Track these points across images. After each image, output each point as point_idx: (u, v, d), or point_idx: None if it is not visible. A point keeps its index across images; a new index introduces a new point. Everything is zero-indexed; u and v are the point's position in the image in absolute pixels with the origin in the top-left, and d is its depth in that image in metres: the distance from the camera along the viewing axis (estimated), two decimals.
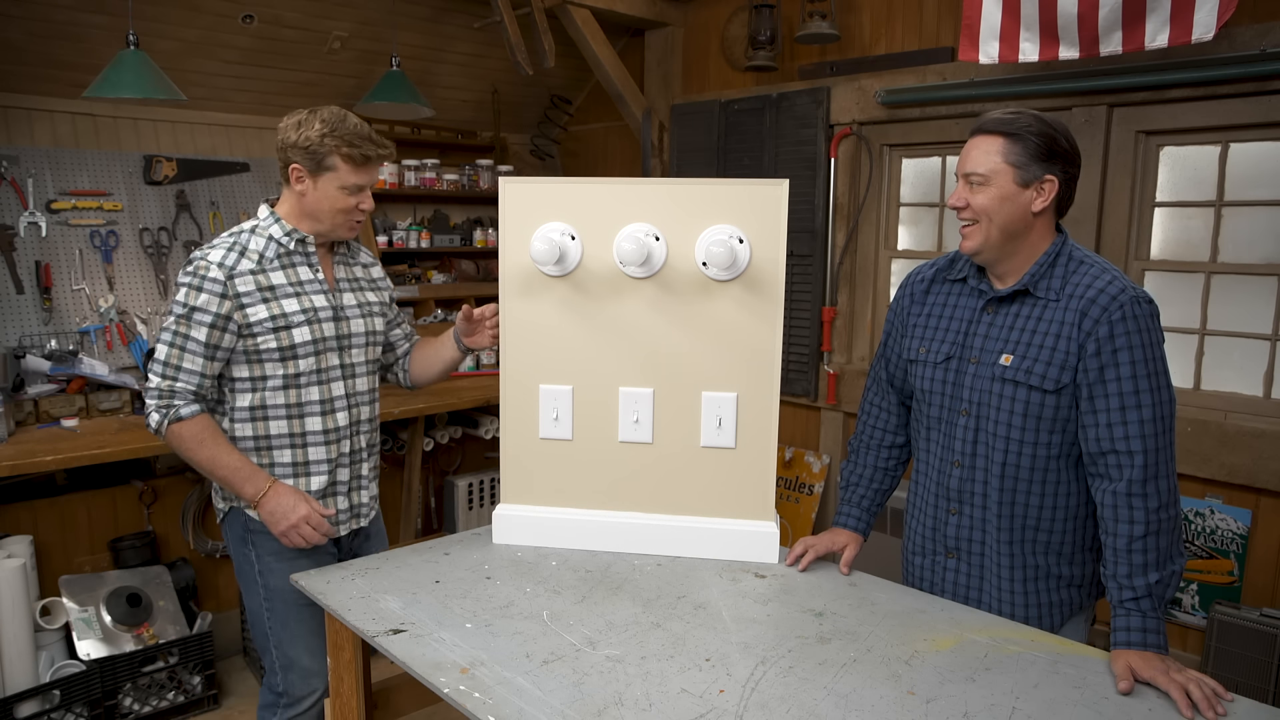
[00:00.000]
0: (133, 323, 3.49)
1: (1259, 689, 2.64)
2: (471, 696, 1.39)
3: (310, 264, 2.02)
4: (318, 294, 2.01)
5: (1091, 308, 1.60)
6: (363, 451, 2.13)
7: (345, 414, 2.06)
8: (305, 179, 1.95)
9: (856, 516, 1.96)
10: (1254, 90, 2.69)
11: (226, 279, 1.89)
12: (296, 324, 1.95)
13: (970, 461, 1.75)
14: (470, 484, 4.16)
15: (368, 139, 1.95)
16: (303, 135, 1.92)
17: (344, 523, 2.10)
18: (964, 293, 1.80)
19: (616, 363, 1.96)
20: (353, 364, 2.08)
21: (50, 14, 3.17)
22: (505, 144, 4.80)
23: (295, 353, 1.96)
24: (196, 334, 1.88)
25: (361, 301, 2.12)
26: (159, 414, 1.89)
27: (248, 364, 1.94)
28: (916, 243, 3.74)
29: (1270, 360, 2.85)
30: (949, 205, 1.73)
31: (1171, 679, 1.41)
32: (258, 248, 1.96)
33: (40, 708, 2.70)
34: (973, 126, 1.70)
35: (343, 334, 2.05)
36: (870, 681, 1.44)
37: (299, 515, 1.91)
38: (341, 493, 2.09)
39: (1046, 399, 1.64)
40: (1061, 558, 1.73)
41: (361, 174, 1.96)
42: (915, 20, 3.49)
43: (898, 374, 1.92)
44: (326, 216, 1.98)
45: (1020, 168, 1.63)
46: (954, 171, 1.71)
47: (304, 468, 2.02)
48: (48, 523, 3.08)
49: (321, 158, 1.92)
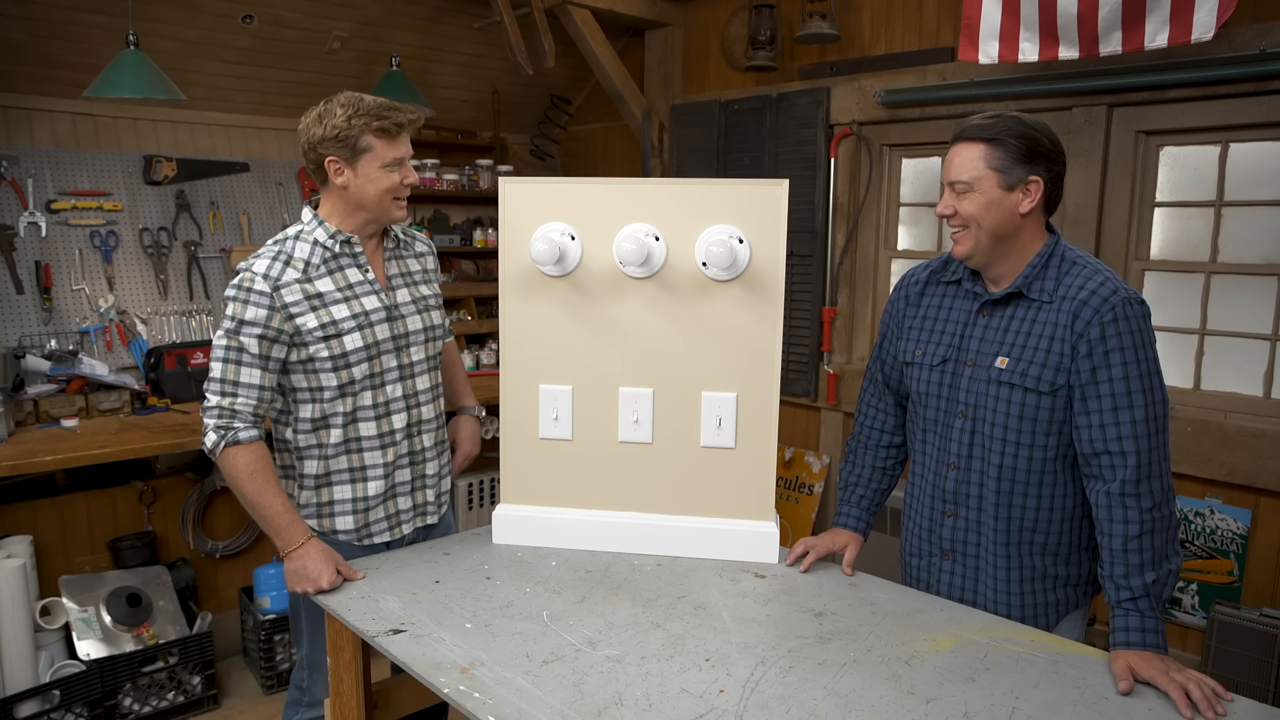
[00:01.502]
0: (133, 323, 3.49)
1: (1259, 689, 2.64)
2: (471, 696, 1.39)
3: (359, 264, 1.96)
4: (368, 295, 1.95)
5: (1084, 309, 1.61)
6: (426, 451, 2.07)
7: (403, 415, 2.00)
8: (344, 169, 1.88)
9: (856, 516, 1.96)
10: (1254, 90, 2.69)
11: (273, 290, 1.83)
12: (347, 330, 1.90)
13: (966, 464, 1.75)
14: (470, 484, 4.16)
15: (393, 108, 1.88)
16: (329, 125, 1.86)
17: (408, 521, 2.06)
18: (959, 295, 1.80)
19: (616, 363, 1.96)
20: (411, 363, 2.02)
21: (50, 14, 3.17)
22: (505, 144, 4.80)
23: (348, 360, 1.90)
24: (250, 346, 1.82)
25: (416, 297, 2.05)
26: (216, 434, 1.82)
27: (304, 374, 1.90)
28: (916, 243, 3.74)
29: (1270, 360, 2.85)
30: (937, 213, 1.73)
31: (1171, 679, 1.41)
32: (303, 255, 1.90)
33: (40, 708, 2.70)
34: (953, 134, 1.70)
35: (399, 333, 1.99)
36: (870, 681, 1.44)
37: (316, 587, 1.80)
38: (403, 493, 2.04)
39: (1042, 401, 1.65)
40: (1058, 558, 1.73)
41: (398, 145, 1.90)
42: (915, 20, 3.49)
43: (893, 376, 1.92)
44: (374, 201, 1.90)
45: (1003, 172, 1.63)
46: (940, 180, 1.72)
47: (360, 473, 1.97)
48: (48, 523, 3.08)
49: (354, 141, 1.85)
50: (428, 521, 2.12)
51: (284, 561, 1.84)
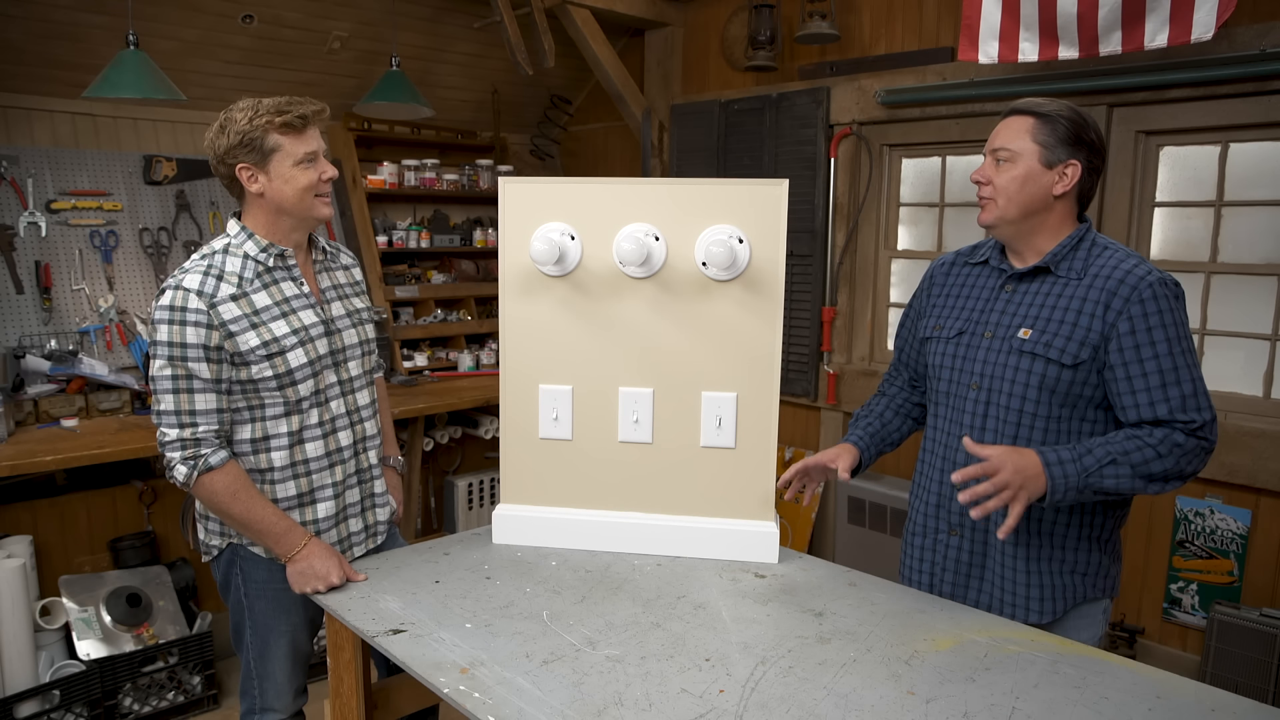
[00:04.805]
0: (132, 323, 3.49)
1: (1259, 689, 2.64)
2: (471, 696, 1.39)
3: (293, 278, 1.89)
4: (305, 309, 1.88)
5: (1121, 287, 1.64)
6: (373, 469, 2.03)
7: (348, 432, 1.95)
8: (257, 174, 1.81)
9: (858, 436, 1.97)
10: (1254, 90, 2.69)
11: (209, 308, 1.74)
12: (290, 347, 1.82)
13: (979, 435, 1.76)
14: (470, 484, 4.17)
15: (294, 101, 1.81)
16: (231, 133, 1.79)
17: (359, 543, 2.01)
18: (984, 274, 1.84)
19: (616, 363, 1.96)
20: (350, 378, 1.96)
21: (50, 14, 3.17)
22: (505, 144, 4.80)
23: (294, 378, 1.83)
24: (199, 372, 1.74)
25: (350, 310, 2.00)
26: (186, 466, 1.75)
27: (244, 394, 1.81)
28: (916, 243, 3.74)
29: (1270, 360, 2.85)
30: (972, 179, 1.77)
31: (998, 476, 1.55)
32: (235, 269, 1.80)
33: (40, 708, 2.70)
34: (1007, 108, 1.76)
35: (336, 348, 1.93)
36: (870, 681, 1.44)
37: (327, 584, 1.78)
38: (354, 514, 1.99)
39: (1063, 373, 1.67)
40: (1066, 540, 1.73)
41: (307, 140, 1.82)
42: (915, 20, 3.49)
43: (911, 355, 1.97)
44: (295, 202, 1.82)
45: (1046, 148, 1.68)
46: (983, 150, 1.79)
47: (309, 496, 1.90)
48: (48, 523, 3.08)
49: (260, 142, 1.78)
50: (378, 543, 2.07)
51: (288, 565, 1.83)
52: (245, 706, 2.05)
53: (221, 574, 1.97)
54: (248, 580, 1.93)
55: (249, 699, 2.03)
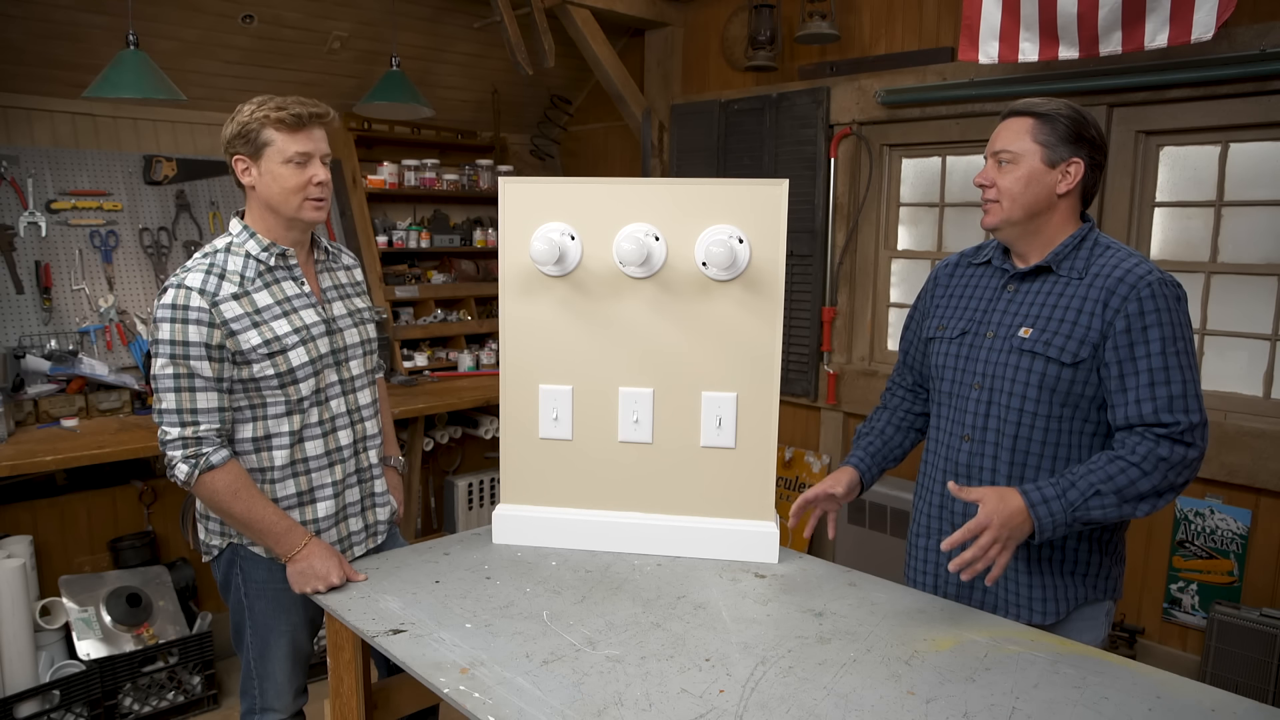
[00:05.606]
0: (132, 323, 3.49)
1: (1259, 689, 2.64)
2: (471, 696, 1.39)
3: (294, 278, 1.89)
4: (307, 309, 1.89)
5: (1120, 285, 1.63)
6: (374, 468, 2.03)
7: (348, 431, 1.96)
8: (250, 167, 1.81)
9: (859, 457, 1.97)
10: (1254, 90, 2.69)
11: (210, 306, 1.75)
12: (291, 346, 1.83)
13: (981, 435, 1.76)
14: (470, 484, 4.17)
15: (297, 101, 1.81)
16: (234, 123, 1.80)
17: (359, 543, 2.02)
18: (987, 274, 1.84)
19: (616, 363, 1.96)
20: (351, 378, 1.97)
21: (50, 14, 3.17)
22: (505, 144, 4.80)
23: (295, 376, 1.84)
24: (201, 370, 1.74)
25: (352, 309, 2.01)
26: (187, 465, 1.75)
27: (245, 392, 1.82)
28: (916, 243, 3.74)
29: (1270, 360, 2.85)
30: (975, 182, 1.77)
31: (983, 536, 1.53)
32: (237, 268, 1.81)
33: (40, 708, 2.70)
34: (1005, 110, 1.75)
35: (338, 347, 1.94)
36: (870, 681, 1.44)
37: (328, 584, 1.79)
38: (354, 514, 1.99)
39: (1063, 372, 1.66)
40: (1069, 542, 1.73)
41: (300, 139, 1.80)
42: (915, 20, 3.49)
43: (916, 357, 1.97)
44: (281, 200, 1.82)
45: (1048, 147, 1.68)
46: (984, 153, 1.79)
47: (308, 495, 1.90)
48: (48, 523, 3.08)
49: (255, 135, 1.78)
50: (378, 542, 2.07)
51: (288, 564, 1.83)
52: (245, 706, 2.05)
53: (221, 574, 1.98)
54: (248, 580, 1.93)
55: (249, 699, 2.03)
